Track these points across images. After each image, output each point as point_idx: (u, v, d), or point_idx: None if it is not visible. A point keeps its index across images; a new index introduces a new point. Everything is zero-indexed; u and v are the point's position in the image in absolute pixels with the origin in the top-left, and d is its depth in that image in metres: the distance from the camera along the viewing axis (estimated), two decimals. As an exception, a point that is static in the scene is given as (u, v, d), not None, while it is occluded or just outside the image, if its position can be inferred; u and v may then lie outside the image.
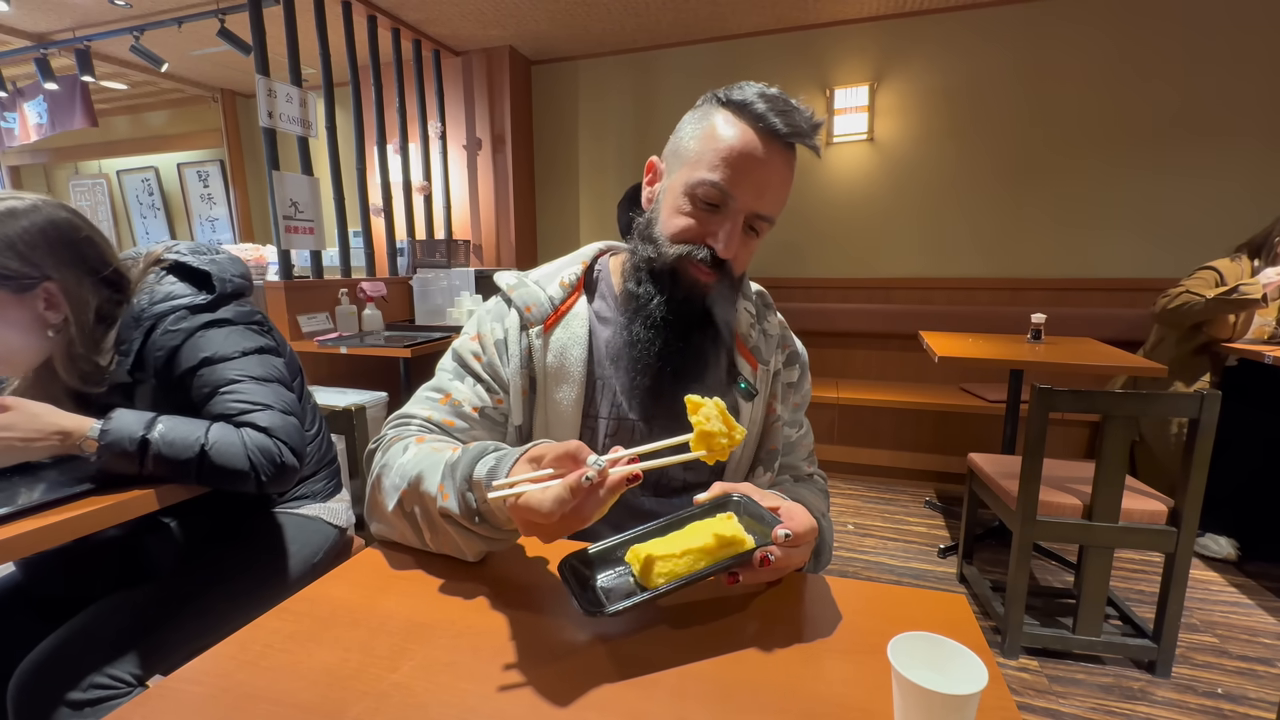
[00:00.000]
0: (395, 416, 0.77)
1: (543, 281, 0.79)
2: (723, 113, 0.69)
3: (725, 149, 0.66)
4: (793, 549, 0.57)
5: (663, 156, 0.76)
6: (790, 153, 0.69)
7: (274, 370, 0.97)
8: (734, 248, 0.68)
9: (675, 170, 0.72)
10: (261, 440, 0.86)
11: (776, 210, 0.70)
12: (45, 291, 0.86)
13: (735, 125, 0.67)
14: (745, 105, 0.67)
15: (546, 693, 0.45)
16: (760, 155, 0.66)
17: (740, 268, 0.73)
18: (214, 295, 0.96)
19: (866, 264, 3.38)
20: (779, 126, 0.65)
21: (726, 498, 0.63)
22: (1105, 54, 2.88)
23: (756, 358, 0.80)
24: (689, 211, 0.69)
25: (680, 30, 3.35)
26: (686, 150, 0.70)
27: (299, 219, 2.61)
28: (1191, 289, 2.17)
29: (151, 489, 0.82)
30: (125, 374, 0.91)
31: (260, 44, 2.53)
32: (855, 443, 3.00)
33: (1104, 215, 2.97)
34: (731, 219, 0.68)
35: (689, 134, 0.71)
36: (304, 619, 0.55)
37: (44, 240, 0.85)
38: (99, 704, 0.78)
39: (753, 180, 0.67)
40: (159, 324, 0.91)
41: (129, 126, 5.10)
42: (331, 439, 1.23)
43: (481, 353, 0.78)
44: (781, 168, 0.68)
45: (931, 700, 0.37)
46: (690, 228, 0.69)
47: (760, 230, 0.71)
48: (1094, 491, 1.48)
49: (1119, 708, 1.43)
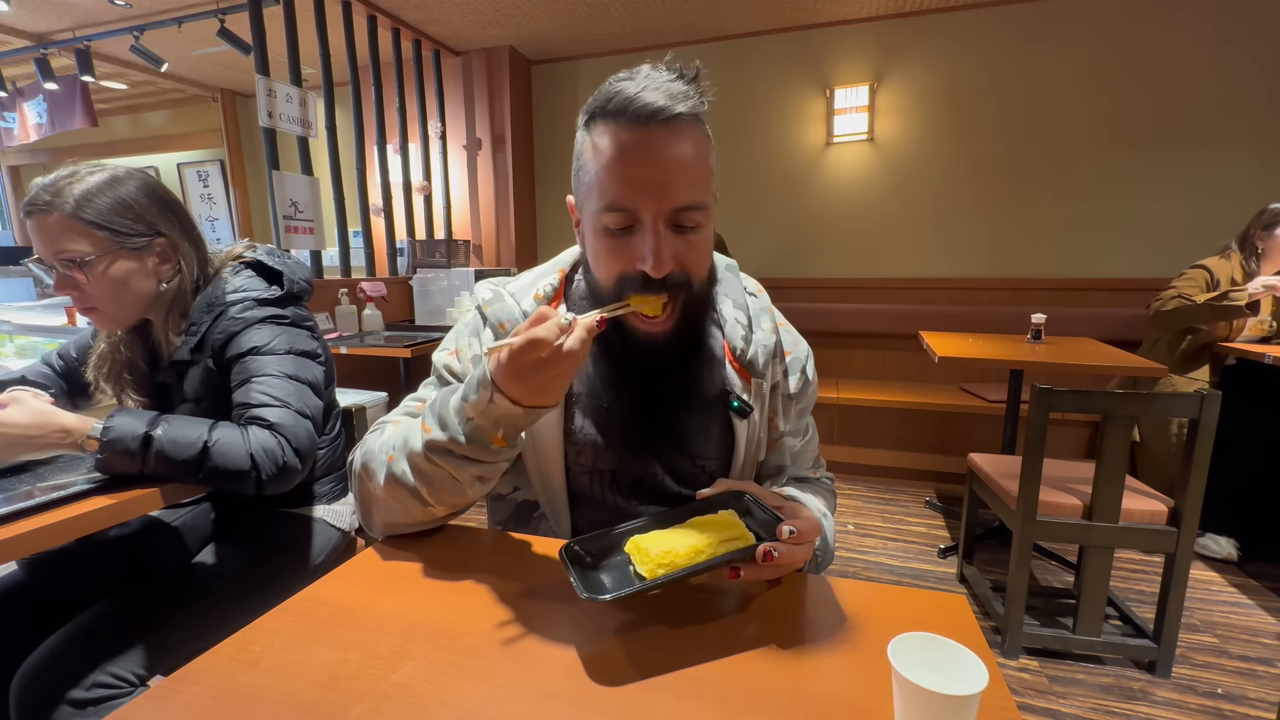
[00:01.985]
0: (374, 425, 0.76)
1: (518, 295, 0.76)
2: (592, 130, 0.62)
3: (606, 160, 0.60)
4: (796, 546, 0.56)
5: (574, 199, 0.69)
6: (679, 125, 0.59)
7: (309, 374, 0.98)
8: (665, 259, 0.60)
9: (584, 210, 0.66)
10: (265, 438, 0.86)
11: (697, 195, 0.61)
12: (159, 245, 0.96)
13: (605, 134, 0.60)
14: (608, 103, 0.59)
15: (547, 693, 0.46)
16: (644, 148, 0.58)
17: (696, 270, 0.65)
18: (282, 293, 1.02)
19: (867, 264, 3.38)
20: (650, 104, 0.57)
21: (730, 493, 0.63)
22: (1105, 54, 2.88)
23: (751, 372, 0.74)
24: (609, 247, 0.63)
25: (680, 30, 3.35)
26: (584, 186, 0.64)
27: (299, 219, 2.61)
28: (1183, 291, 2.17)
29: (153, 489, 0.82)
30: (187, 352, 0.97)
31: (260, 44, 2.53)
32: (855, 443, 3.00)
33: (1104, 215, 2.98)
34: (649, 232, 0.60)
35: (579, 166, 0.65)
36: (304, 619, 0.55)
37: (151, 200, 0.95)
38: (101, 703, 0.78)
39: (647, 181, 0.59)
40: (227, 311, 0.97)
41: (129, 126, 5.11)
42: (345, 444, 1.23)
43: (458, 367, 0.77)
44: (676, 148, 0.59)
45: (931, 701, 0.37)
46: (616, 264, 0.63)
47: (694, 223, 0.62)
48: (1094, 491, 1.48)
49: (1119, 708, 1.43)
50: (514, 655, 0.50)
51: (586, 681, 0.47)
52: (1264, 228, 2.18)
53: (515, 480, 0.77)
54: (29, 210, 0.89)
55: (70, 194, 0.88)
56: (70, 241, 0.89)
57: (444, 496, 0.64)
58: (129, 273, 0.93)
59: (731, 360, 0.75)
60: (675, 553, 0.54)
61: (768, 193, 3.46)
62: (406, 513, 0.67)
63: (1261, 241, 2.18)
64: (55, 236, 0.88)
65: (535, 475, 0.74)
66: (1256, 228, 2.20)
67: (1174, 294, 2.19)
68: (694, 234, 0.63)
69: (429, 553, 0.67)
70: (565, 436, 0.73)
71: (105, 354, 1.03)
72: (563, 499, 0.74)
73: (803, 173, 3.40)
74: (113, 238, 0.91)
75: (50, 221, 0.88)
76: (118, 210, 0.91)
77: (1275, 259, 2.18)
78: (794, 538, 0.55)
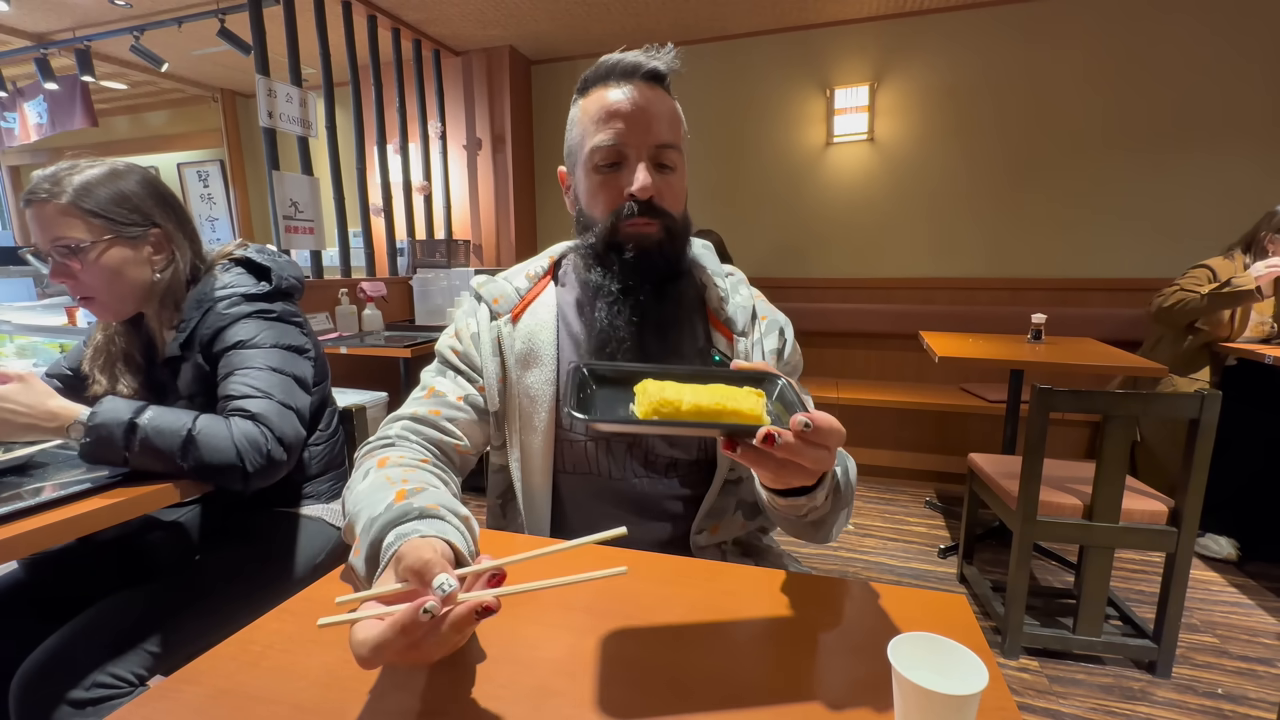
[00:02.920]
0: (385, 421, 0.78)
1: (510, 276, 0.84)
2: (586, 92, 0.75)
3: (595, 114, 0.72)
4: (807, 446, 0.48)
5: (565, 166, 0.81)
6: (657, 86, 0.72)
7: (296, 369, 0.99)
8: (650, 183, 0.70)
9: (575, 164, 0.77)
10: (249, 428, 0.87)
11: (674, 136, 0.73)
12: (154, 236, 0.98)
13: (597, 91, 0.73)
14: (597, 70, 0.73)
15: (547, 693, 0.46)
16: (629, 97, 0.70)
17: (674, 204, 0.75)
18: (270, 288, 1.03)
19: (867, 264, 3.38)
20: (630, 62, 0.71)
21: (765, 374, 0.58)
22: (1106, 53, 2.88)
23: (731, 329, 0.79)
24: (599, 183, 0.73)
25: (680, 30, 3.35)
26: (575, 141, 0.76)
27: (299, 219, 2.61)
28: (1185, 286, 2.17)
29: (152, 488, 0.82)
30: (177, 348, 0.98)
31: (260, 44, 2.53)
32: (855, 443, 2.99)
33: (1104, 215, 2.97)
34: (636, 162, 0.71)
35: (571, 130, 0.77)
36: (304, 619, 0.55)
37: (148, 192, 0.98)
38: (101, 703, 0.78)
39: (634, 120, 0.70)
40: (215, 306, 0.98)
41: (129, 126, 5.11)
42: (344, 443, 1.23)
43: (459, 346, 0.81)
44: (655, 100, 0.72)
45: (932, 701, 0.37)
46: (607, 195, 0.73)
47: (671, 163, 0.73)
48: (1094, 491, 1.48)
49: (1119, 708, 1.43)
50: (514, 655, 0.50)
51: (586, 681, 0.47)
52: (1276, 230, 2.14)
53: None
54: (29, 200, 0.90)
55: (69, 184, 0.90)
56: (67, 229, 0.90)
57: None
58: (124, 261, 0.95)
59: (712, 319, 0.80)
60: (678, 403, 0.50)
61: (768, 193, 3.45)
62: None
63: (1273, 244, 2.14)
64: (52, 224, 0.90)
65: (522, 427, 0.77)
66: (1268, 229, 2.16)
67: (1176, 290, 2.18)
68: (671, 174, 0.74)
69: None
70: (554, 403, 0.76)
71: (100, 346, 1.05)
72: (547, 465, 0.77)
73: (803, 173, 3.40)
74: (109, 225, 0.92)
75: (48, 210, 0.90)
76: (115, 200, 0.93)
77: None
78: (807, 432, 0.47)
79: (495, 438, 0.80)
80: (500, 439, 0.80)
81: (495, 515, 0.86)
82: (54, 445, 0.91)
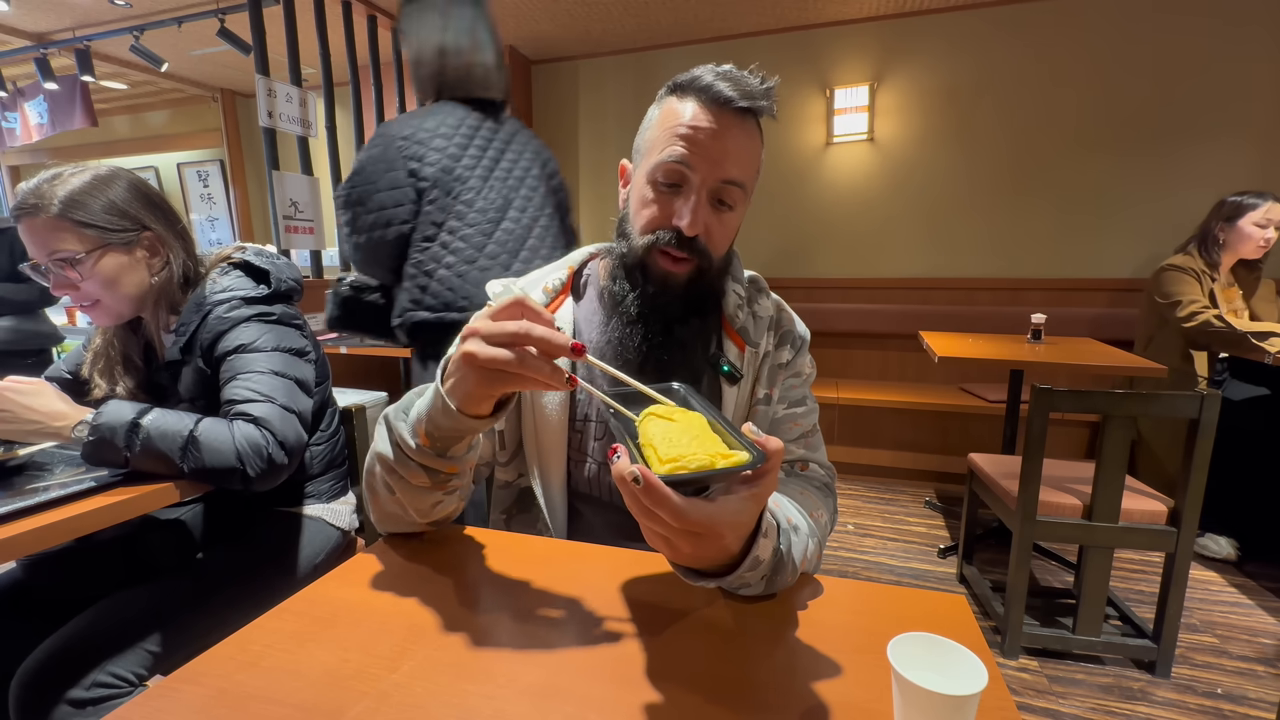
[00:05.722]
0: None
1: (527, 287, 0.80)
2: (673, 96, 0.70)
3: (677, 125, 0.67)
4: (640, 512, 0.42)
5: (631, 158, 0.77)
6: (747, 119, 0.68)
7: (297, 371, 0.99)
8: (699, 221, 0.67)
9: (640, 165, 0.73)
10: (250, 432, 0.87)
11: (743, 175, 0.69)
12: (146, 240, 0.98)
13: (685, 102, 0.68)
14: (693, 82, 0.67)
15: (546, 693, 0.46)
16: (712, 124, 0.66)
17: (719, 245, 0.71)
18: (269, 291, 1.03)
19: (867, 264, 3.38)
20: (726, 92, 0.65)
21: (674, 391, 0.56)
22: (1106, 53, 2.88)
23: (744, 339, 0.78)
24: (653, 198, 0.70)
25: (680, 30, 3.35)
26: (647, 142, 0.71)
27: (299, 219, 2.61)
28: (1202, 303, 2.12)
29: (152, 488, 0.82)
30: (177, 352, 0.98)
31: (260, 44, 2.53)
32: (855, 443, 3.00)
33: (1104, 215, 2.97)
34: (694, 193, 0.67)
35: (647, 127, 0.72)
36: (304, 619, 0.55)
37: (134, 196, 0.98)
38: (101, 703, 0.78)
39: (707, 149, 0.66)
40: (214, 310, 0.99)
41: (129, 126, 5.11)
42: (343, 443, 1.23)
43: None
44: (738, 134, 0.67)
45: (931, 700, 0.37)
46: (656, 213, 0.69)
47: (732, 202, 0.70)
48: (1094, 491, 1.49)
49: (1119, 708, 1.43)
50: (514, 655, 0.50)
51: (586, 681, 0.47)
52: (1226, 219, 2.19)
53: (519, 468, 0.79)
54: (17, 214, 0.91)
55: (54, 195, 0.90)
56: (60, 241, 0.91)
57: (409, 499, 0.63)
58: (120, 267, 0.96)
59: (727, 328, 0.79)
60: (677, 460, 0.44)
61: (768, 193, 3.45)
62: (391, 513, 0.67)
63: (1223, 233, 2.19)
64: (45, 238, 0.90)
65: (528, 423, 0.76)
66: (1217, 219, 2.20)
67: (1197, 306, 2.12)
68: (727, 212, 0.70)
69: (429, 553, 0.67)
70: (569, 424, 0.75)
71: (100, 350, 1.05)
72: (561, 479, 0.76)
73: (803, 173, 3.40)
74: (100, 234, 0.93)
75: (38, 224, 0.90)
76: (105, 208, 0.94)
77: (1237, 250, 2.19)
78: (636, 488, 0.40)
79: (501, 454, 0.79)
80: (506, 455, 0.79)
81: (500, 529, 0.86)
82: (54, 445, 0.91)
